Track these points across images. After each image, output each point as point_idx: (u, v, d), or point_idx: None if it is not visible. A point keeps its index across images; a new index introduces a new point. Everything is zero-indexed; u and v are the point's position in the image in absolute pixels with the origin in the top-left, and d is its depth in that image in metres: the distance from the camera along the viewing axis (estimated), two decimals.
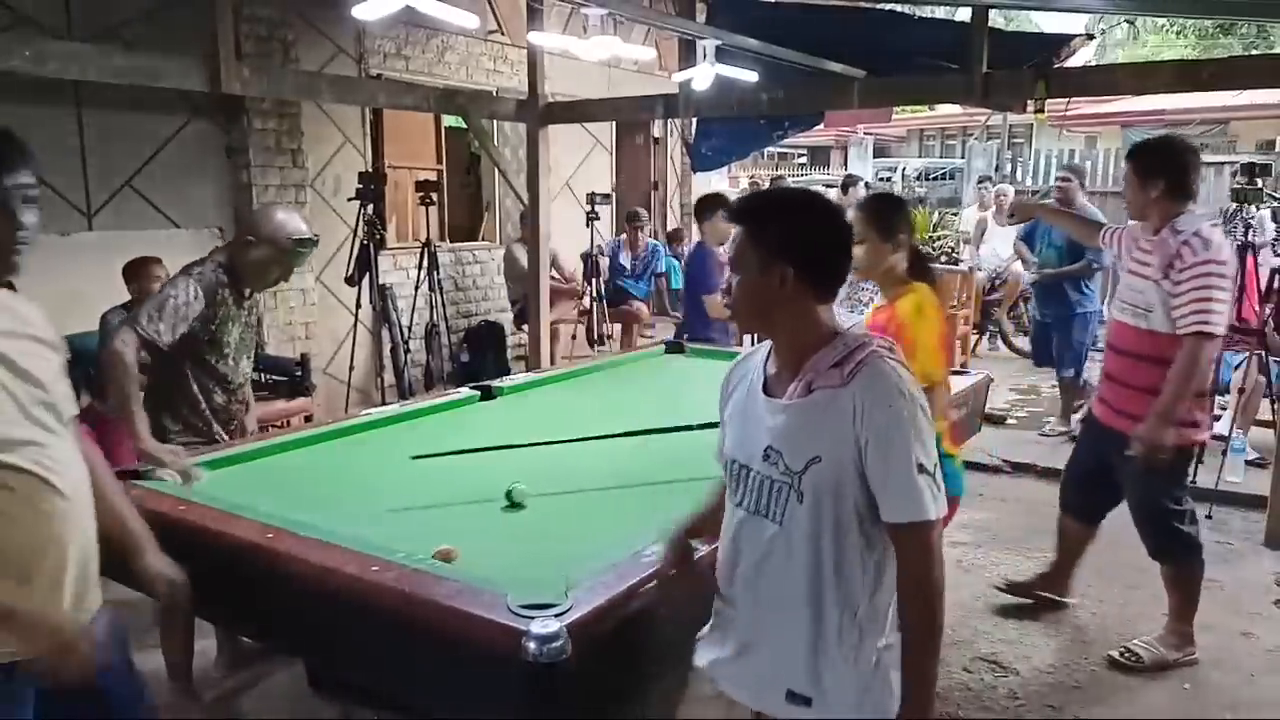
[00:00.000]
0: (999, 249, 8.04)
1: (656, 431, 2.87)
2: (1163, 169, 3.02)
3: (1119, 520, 4.42)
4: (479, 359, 6.95)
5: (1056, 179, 5.92)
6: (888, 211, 2.55)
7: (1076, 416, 5.16)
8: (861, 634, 1.53)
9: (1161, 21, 17.62)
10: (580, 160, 8.15)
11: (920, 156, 19.55)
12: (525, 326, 6.39)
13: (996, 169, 14.19)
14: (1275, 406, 4.85)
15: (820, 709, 1.54)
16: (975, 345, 8.13)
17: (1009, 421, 5.93)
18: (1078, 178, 5.70)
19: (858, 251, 2.35)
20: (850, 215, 2.30)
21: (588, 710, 1.65)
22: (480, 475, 2.64)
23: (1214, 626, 3.43)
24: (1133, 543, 4.21)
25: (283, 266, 2.91)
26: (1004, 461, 5.16)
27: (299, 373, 5.34)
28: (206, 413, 2.93)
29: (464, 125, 6.62)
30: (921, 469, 1.45)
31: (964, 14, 5.03)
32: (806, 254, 1.52)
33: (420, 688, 1.77)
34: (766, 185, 11.37)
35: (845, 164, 18.87)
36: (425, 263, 6.11)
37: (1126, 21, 15.23)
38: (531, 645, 1.53)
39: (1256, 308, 5.03)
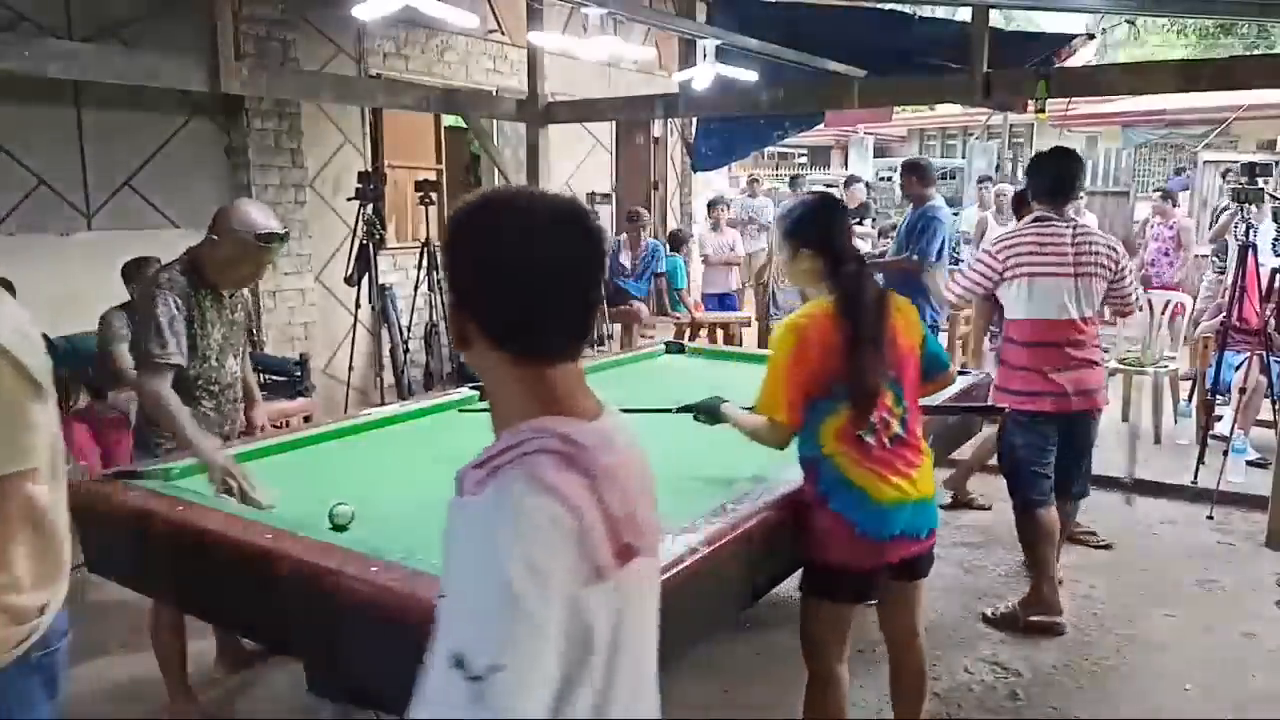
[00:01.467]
0: None
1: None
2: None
3: (1119, 521, 4.44)
4: None
5: (902, 169, 5.78)
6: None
7: None
8: None
9: (1162, 21, 17.61)
10: (580, 160, 8.14)
11: (921, 156, 19.54)
12: None
13: (997, 169, 14.19)
14: (1276, 407, 4.84)
15: None
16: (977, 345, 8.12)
17: None
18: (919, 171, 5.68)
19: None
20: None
21: None
22: None
23: (1216, 627, 3.43)
24: (1133, 544, 4.23)
25: (250, 264, 2.72)
26: None
27: (298, 373, 5.33)
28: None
29: (464, 125, 6.62)
30: (459, 664, 0.86)
31: (964, 14, 5.03)
32: (482, 295, 1.03)
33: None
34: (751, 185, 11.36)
35: (845, 164, 18.86)
36: (425, 262, 6.10)
37: (1127, 21, 15.23)
38: None
39: (1257, 308, 5.03)
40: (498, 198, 1.09)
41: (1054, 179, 3.39)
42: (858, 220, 9.42)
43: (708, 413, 2.55)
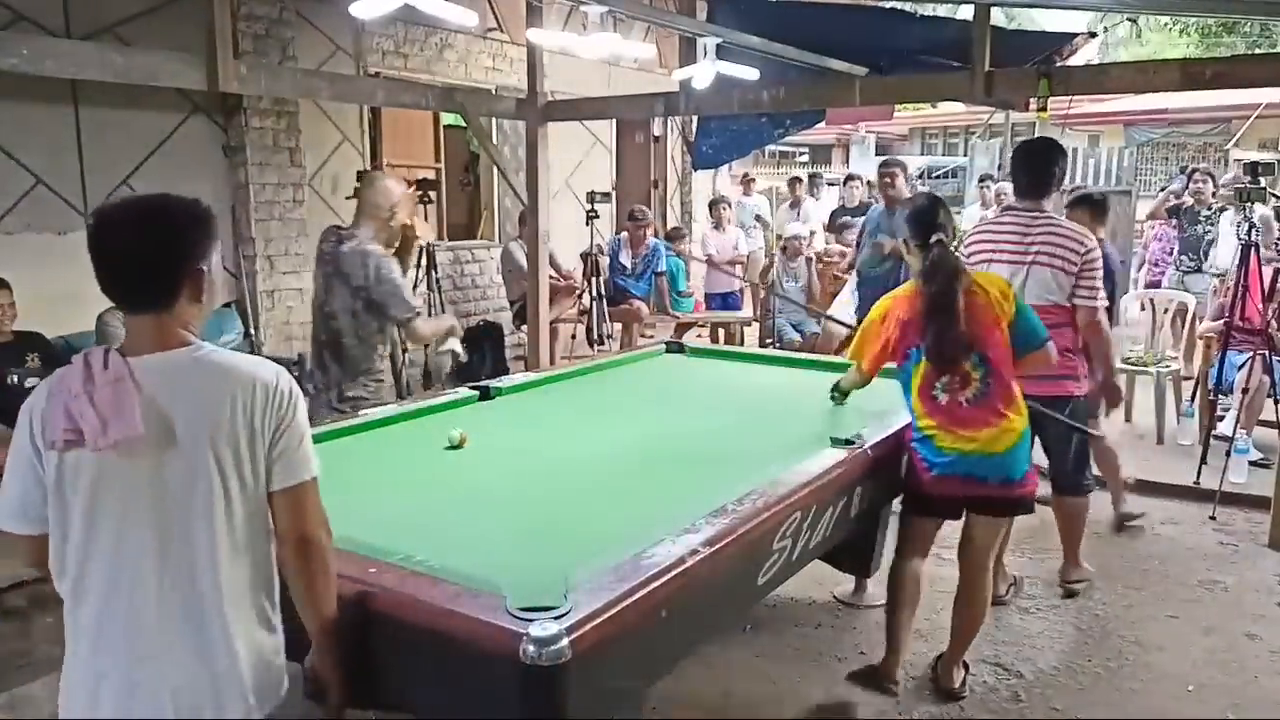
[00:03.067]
0: None
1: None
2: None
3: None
4: (478, 359, 6.92)
5: (880, 170, 5.92)
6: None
7: None
8: None
9: (1164, 20, 17.60)
10: (580, 159, 8.13)
11: (923, 155, 19.53)
12: (524, 326, 6.37)
13: (999, 167, 14.18)
14: (1279, 407, 4.82)
15: None
16: None
17: None
18: (903, 171, 5.89)
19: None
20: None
21: (587, 713, 1.63)
22: (478, 476, 2.62)
23: (1217, 628, 3.42)
24: (1134, 544, 4.21)
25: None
26: None
27: (296, 373, 5.30)
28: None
29: (463, 123, 6.60)
30: None
31: (966, 12, 5.01)
32: None
33: (418, 691, 1.75)
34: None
35: (847, 162, 18.86)
36: (423, 262, 6.09)
37: (1129, 20, 15.21)
38: (530, 648, 1.51)
39: (1260, 308, 5.01)
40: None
41: (1030, 174, 3.44)
42: (856, 217, 9.40)
43: (840, 392, 3.24)
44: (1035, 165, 3.44)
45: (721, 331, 7.66)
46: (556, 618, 1.58)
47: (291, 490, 1.55)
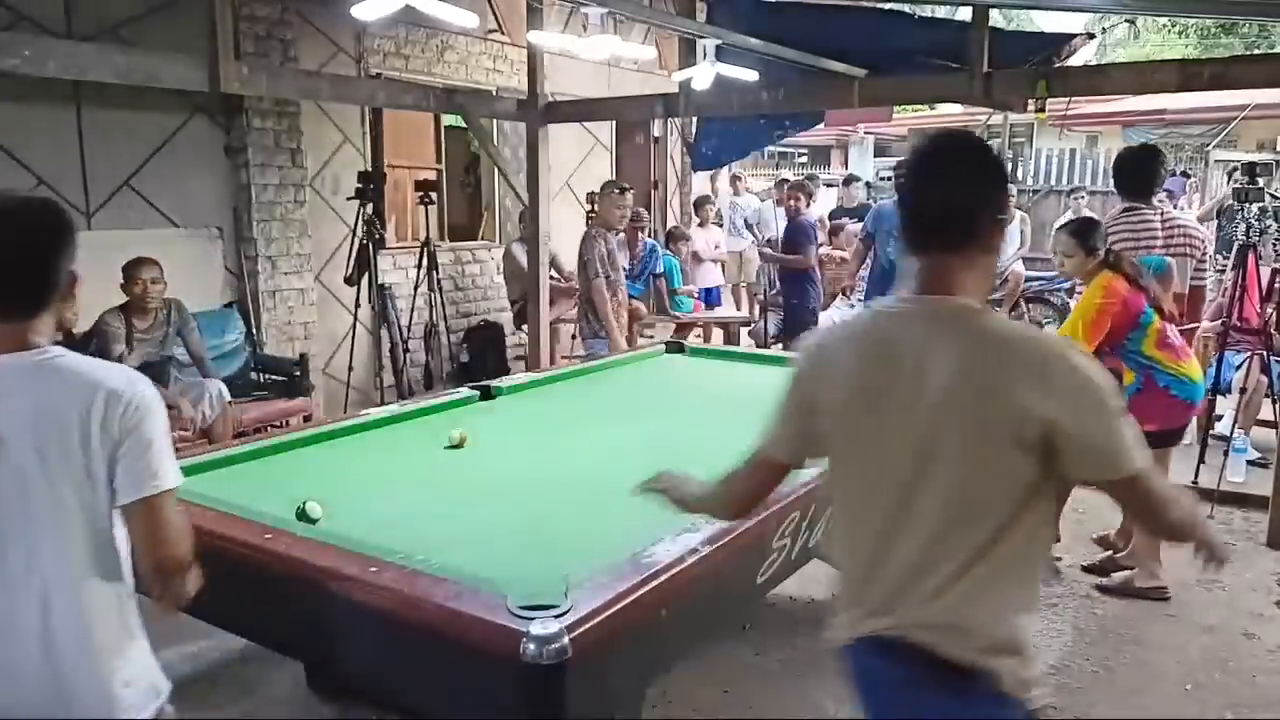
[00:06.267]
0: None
1: None
2: None
3: (1117, 522, 4.41)
4: (478, 359, 6.94)
5: (846, 180, 6.21)
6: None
7: None
8: None
9: (1162, 21, 17.61)
10: (580, 159, 8.13)
11: None
12: (525, 326, 6.38)
13: None
14: (1277, 406, 4.84)
15: None
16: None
17: None
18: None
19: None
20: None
21: (587, 712, 1.64)
22: (479, 475, 2.63)
23: (1215, 627, 3.43)
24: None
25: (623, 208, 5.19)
26: None
27: (298, 373, 5.33)
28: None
29: (463, 124, 6.61)
30: None
31: (964, 13, 5.02)
32: None
33: (419, 689, 1.76)
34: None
35: (845, 163, 18.85)
36: (424, 262, 6.10)
37: (1127, 21, 15.22)
38: (531, 647, 1.52)
39: (1258, 308, 5.02)
40: None
41: (1135, 176, 3.89)
42: (856, 219, 9.39)
43: None
44: (1135, 169, 3.92)
45: (715, 331, 7.66)
46: (557, 616, 1.59)
47: (142, 503, 1.43)
